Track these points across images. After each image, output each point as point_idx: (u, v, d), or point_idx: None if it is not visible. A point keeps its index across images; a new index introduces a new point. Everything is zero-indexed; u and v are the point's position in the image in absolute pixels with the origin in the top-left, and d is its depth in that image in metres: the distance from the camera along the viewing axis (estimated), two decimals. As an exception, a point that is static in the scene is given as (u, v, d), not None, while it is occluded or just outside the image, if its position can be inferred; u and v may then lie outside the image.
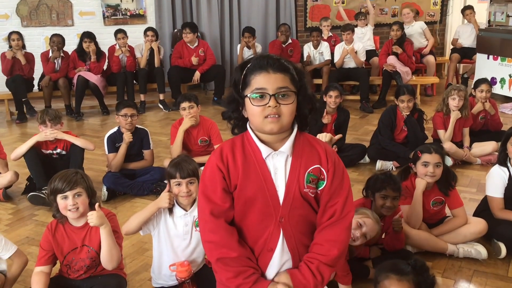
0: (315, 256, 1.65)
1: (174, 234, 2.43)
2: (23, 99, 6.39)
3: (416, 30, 7.52)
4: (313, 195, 1.67)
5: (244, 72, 1.60)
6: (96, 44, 6.61)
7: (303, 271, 1.65)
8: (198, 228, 2.42)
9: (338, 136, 3.39)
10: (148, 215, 2.39)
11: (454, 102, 4.43)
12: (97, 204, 2.34)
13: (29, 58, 6.51)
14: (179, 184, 2.39)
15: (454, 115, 4.46)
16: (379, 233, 2.67)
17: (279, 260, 1.69)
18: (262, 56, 1.60)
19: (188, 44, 6.99)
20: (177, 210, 2.43)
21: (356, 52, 6.84)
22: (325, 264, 1.65)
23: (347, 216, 1.68)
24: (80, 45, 6.62)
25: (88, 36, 6.56)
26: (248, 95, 1.57)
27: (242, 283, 1.63)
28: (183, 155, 2.59)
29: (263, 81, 1.56)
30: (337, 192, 1.66)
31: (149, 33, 6.91)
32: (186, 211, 2.44)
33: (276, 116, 1.56)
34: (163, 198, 2.38)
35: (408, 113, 4.45)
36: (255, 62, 1.59)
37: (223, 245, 1.63)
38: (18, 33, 6.49)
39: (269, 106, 1.55)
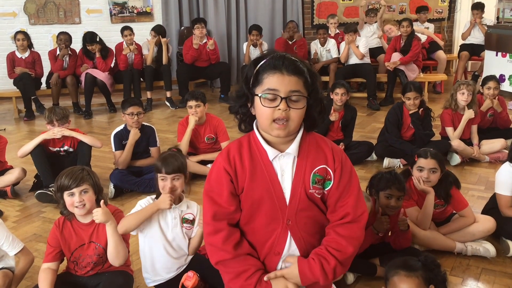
0: (333, 252, 1.60)
1: (165, 227, 2.44)
2: (32, 97, 6.41)
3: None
4: (319, 196, 1.64)
5: (257, 69, 1.56)
6: (101, 42, 6.59)
7: (314, 268, 1.60)
8: (185, 225, 2.47)
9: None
10: (147, 215, 2.38)
11: (463, 97, 4.40)
12: (102, 201, 2.34)
13: (35, 58, 6.53)
14: (163, 179, 2.40)
15: (467, 115, 4.42)
16: (372, 211, 2.65)
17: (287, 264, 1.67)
18: (278, 56, 1.55)
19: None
20: None
21: (357, 47, 6.81)
22: (340, 262, 1.60)
23: (362, 216, 1.64)
24: (84, 46, 6.60)
25: (90, 40, 6.49)
26: (259, 95, 1.54)
27: (244, 284, 1.61)
28: (173, 150, 2.59)
29: (276, 82, 1.51)
30: (346, 191, 1.63)
31: (152, 32, 6.97)
32: (175, 204, 2.45)
33: (284, 121, 1.52)
34: (165, 200, 2.37)
35: (415, 110, 4.42)
36: (270, 61, 1.54)
37: (221, 248, 1.62)
38: (23, 33, 6.51)
39: (279, 109, 1.51)
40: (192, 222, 2.48)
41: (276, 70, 1.52)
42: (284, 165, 1.63)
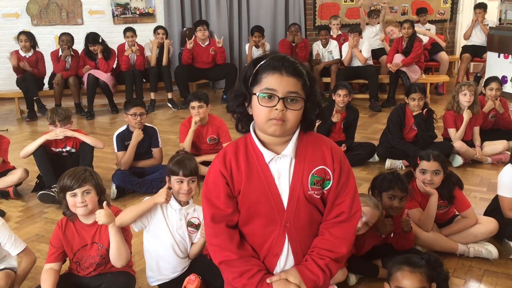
0: (324, 253, 1.63)
1: (170, 227, 2.45)
2: (34, 98, 6.41)
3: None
4: (318, 196, 1.65)
5: (257, 68, 1.57)
6: (103, 43, 6.61)
7: (311, 267, 1.63)
8: (190, 228, 2.48)
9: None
10: (144, 209, 2.39)
11: (465, 98, 4.39)
12: (104, 202, 2.35)
13: (39, 57, 6.53)
14: (181, 182, 2.42)
15: (467, 116, 4.41)
16: (380, 218, 2.65)
17: (284, 264, 1.67)
18: (278, 57, 1.56)
19: (200, 43, 7.00)
20: (173, 203, 2.46)
21: (360, 51, 6.80)
22: (334, 260, 1.63)
23: (355, 215, 1.66)
24: (86, 47, 6.62)
25: (92, 41, 6.53)
26: (257, 94, 1.54)
27: (246, 283, 1.63)
28: (182, 153, 2.61)
29: (275, 82, 1.52)
30: (343, 190, 1.64)
31: (160, 31, 6.93)
32: (182, 206, 2.46)
33: (281, 120, 1.53)
34: (161, 194, 2.38)
35: (419, 112, 4.41)
36: (270, 61, 1.55)
37: (225, 249, 1.64)
38: (26, 33, 6.50)
39: (276, 109, 1.52)
40: (197, 226, 2.49)
41: (275, 70, 1.53)
42: (281, 167, 1.63)
